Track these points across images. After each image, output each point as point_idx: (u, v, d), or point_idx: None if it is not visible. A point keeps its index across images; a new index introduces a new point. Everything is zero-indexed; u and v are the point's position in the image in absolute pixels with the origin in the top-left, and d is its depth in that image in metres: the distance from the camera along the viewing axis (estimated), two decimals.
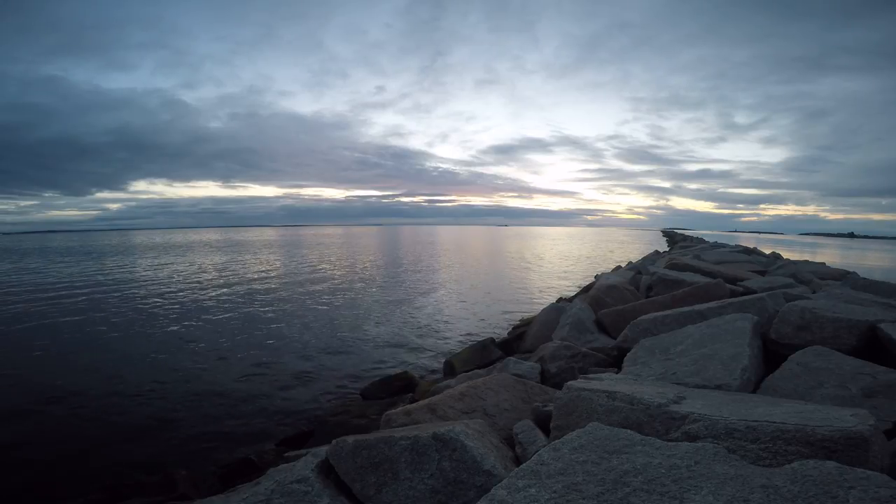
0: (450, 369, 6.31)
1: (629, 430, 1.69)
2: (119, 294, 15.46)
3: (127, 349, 8.64)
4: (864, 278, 6.93)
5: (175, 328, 10.41)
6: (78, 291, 16.09)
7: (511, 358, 4.55)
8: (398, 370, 6.78)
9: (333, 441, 2.18)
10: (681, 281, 6.22)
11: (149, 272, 22.83)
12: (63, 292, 15.91)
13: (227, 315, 11.93)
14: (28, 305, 13.38)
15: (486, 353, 6.34)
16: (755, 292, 4.97)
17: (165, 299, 14.35)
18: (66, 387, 6.59)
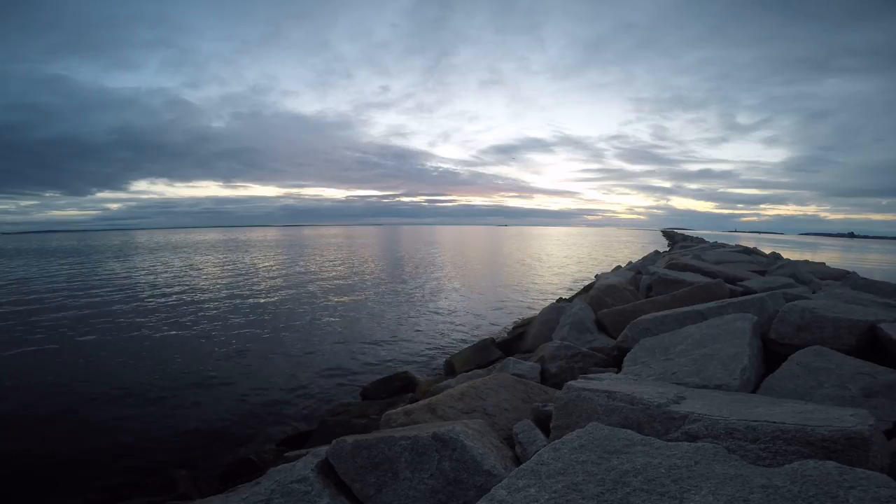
0: (450, 369, 6.31)
1: (629, 430, 1.69)
2: (121, 294, 15.46)
3: (127, 349, 8.64)
4: (864, 278, 6.93)
5: (175, 328, 10.41)
6: (79, 292, 16.09)
7: (511, 358, 4.55)
8: (398, 370, 6.78)
9: (333, 441, 2.18)
10: (681, 281, 6.22)
11: (151, 272, 22.83)
12: (65, 293, 15.91)
13: (227, 315, 11.93)
14: (29, 306, 13.38)
15: (486, 353, 6.34)
16: (755, 292, 4.97)
17: (167, 299, 14.35)
18: (66, 387, 6.59)
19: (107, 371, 7.32)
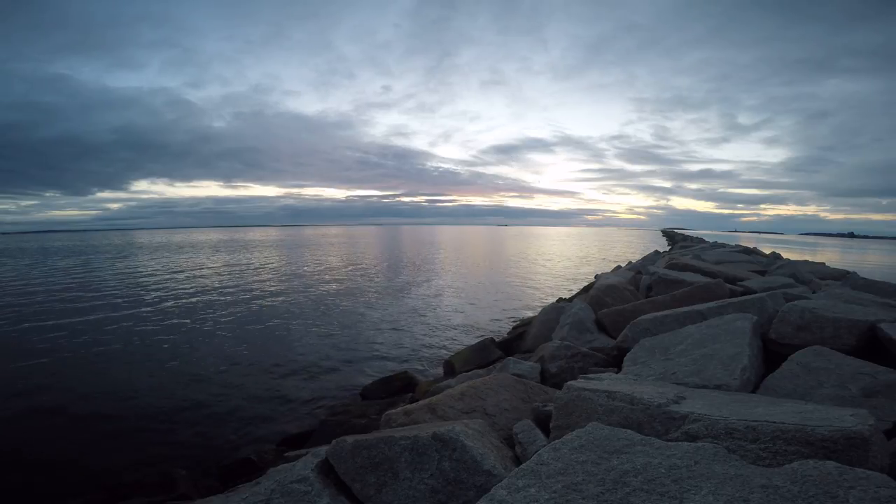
0: (450, 369, 6.31)
1: (629, 430, 1.69)
2: (122, 295, 15.46)
3: (127, 349, 8.65)
4: (864, 278, 6.92)
5: (175, 329, 10.41)
6: (80, 293, 16.09)
7: (511, 358, 4.55)
8: (398, 370, 6.78)
9: (333, 441, 2.18)
10: (681, 281, 6.22)
11: (152, 273, 22.83)
12: (65, 293, 15.91)
13: (227, 315, 11.93)
14: (30, 306, 13.38)
15: (486, 353, 6.34)
16: (755, 292, 4.97)
17: (167, 300, 14.35)
18: (66, 387, 6.59)
19: (107, 371, 7.32)
